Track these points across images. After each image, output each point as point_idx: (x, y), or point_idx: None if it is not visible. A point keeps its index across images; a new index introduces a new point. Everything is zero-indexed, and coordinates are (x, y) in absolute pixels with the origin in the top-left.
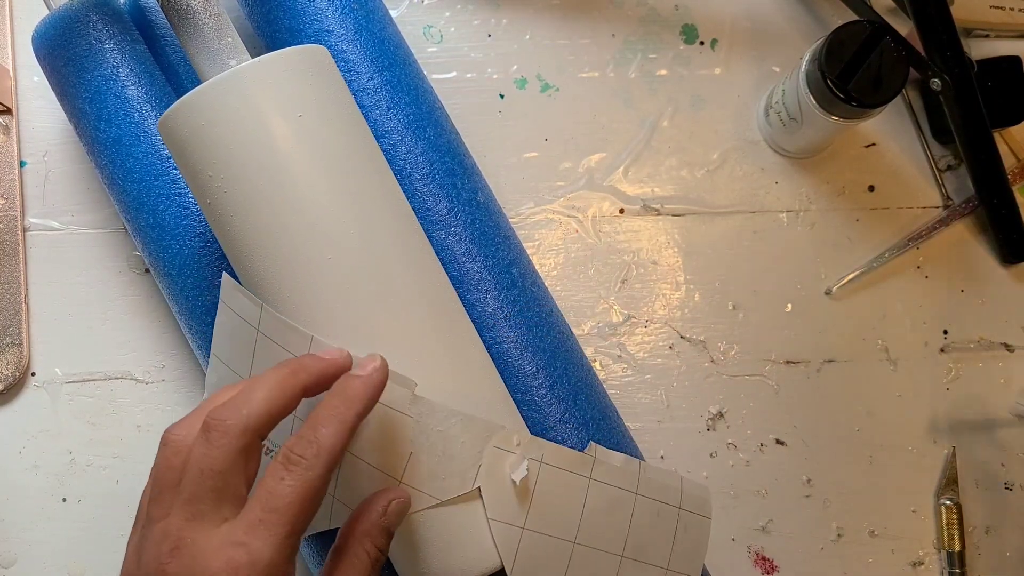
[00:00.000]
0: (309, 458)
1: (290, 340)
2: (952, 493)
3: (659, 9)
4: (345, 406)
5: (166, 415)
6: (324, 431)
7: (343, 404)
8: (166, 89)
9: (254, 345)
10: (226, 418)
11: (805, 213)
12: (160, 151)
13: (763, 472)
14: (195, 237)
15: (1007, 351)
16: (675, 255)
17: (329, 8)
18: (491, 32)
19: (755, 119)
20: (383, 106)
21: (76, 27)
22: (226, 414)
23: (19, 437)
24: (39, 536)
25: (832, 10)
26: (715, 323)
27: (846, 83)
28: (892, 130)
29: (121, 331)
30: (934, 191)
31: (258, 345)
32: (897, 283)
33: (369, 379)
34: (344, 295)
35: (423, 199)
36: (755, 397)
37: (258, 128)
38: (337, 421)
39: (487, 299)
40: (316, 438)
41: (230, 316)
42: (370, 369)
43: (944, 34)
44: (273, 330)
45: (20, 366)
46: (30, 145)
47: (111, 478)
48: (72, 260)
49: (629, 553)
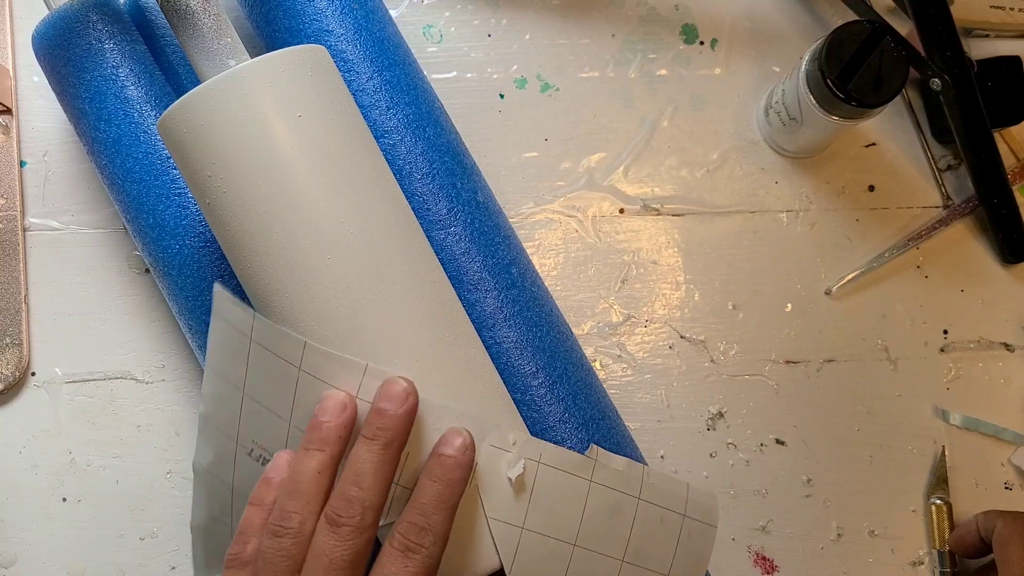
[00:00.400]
0: (428, 546)
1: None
2: (942, 492)
3: (659, 9)
4: (451, 491)
5: (166, 415)
6: (436, 518)
7: (448, 489)
8: (166, 89)
9: (247, 356)
10: (354, 514)
11: (805, 213)
12: (160, 151)
13: (763, 472)
14: (195, 237)
15: (1007, 351)
16: (675, 255)
17: (329, 8)
18: (491, 32)
19: (755, 119)
20: (383, 106)
21: (76, 27)
22: (351, 510)
23: (19, 437)
24: (39, 536)
25: (832, 10)
26: (715, 323)
27: (846, 83)
28: (892, 130)
29: (121, 331)
30: (934, 191)
31: (252, 354)
32: (897, 283)
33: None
34: (344, 295)
35: (423, 199)
36: (755, 397)
37: (258, 128)
38: (447, 507)
39: (487, 299)
40: (430, 526)
41: (223, 327)
42: (461, 447)
43: (944, 34)
44: (267, 339)
45: (20, 366)
46: (30, 145)
47: (111, 478)
48: (72, 260)
49: (630, 558)
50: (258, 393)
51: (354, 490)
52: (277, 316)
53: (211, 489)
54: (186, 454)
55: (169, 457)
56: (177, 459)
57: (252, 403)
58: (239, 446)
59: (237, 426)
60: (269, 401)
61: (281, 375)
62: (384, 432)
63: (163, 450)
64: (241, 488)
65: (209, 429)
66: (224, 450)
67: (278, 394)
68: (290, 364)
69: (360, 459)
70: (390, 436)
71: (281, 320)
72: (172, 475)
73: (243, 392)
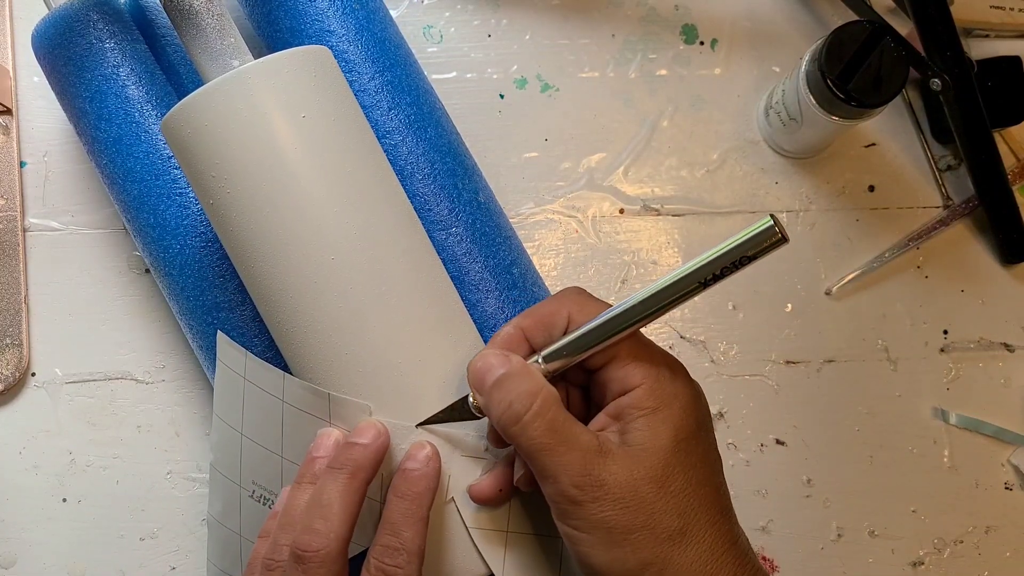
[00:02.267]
0: (403, 565)
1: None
2: None
3: (659, 9)
4: (417, 504)
5: (166, 415)
6: (407, 535)
7: (415, 503)
8: (167, 89)
9: (243, 396)
10: (319, 548)
11: (805, 213)
12: (161, 151)
13: (763, 472)
14: (196, 237)
15: (1007, 351)
16: (675, 255)
17: (330, 8)
18: (491, 32)
19: (755, 119)
20: (384, 107)
21: (76, 26)
22: (317, 543)
23: (19, 437)
24: (39, 536)
25: (832, 10)
26: (715, 323)
27: (846, 83)
28: (892, 130)
29: (121, 331)
30: (934, 191)
31: (246, 393)
32: (897, 283)
33: (429, 471)
34: (347, 295)
35: (424, 199)
36: (755, 397)
37: (262, 128)
38: (416, 520)
39: (488, 299)
40: (402, 544)
41: (224, 370)
42: (423, 459)
43: (944, 34)
44: (256, 376)
45: (20, 366)
46: (30, 145)
47: (111, 478)
48: (72, 260)
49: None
50: (253, 432)
51: (319, 522)
52: (280, 316)
53: (222, 541)
54: (186, 454)
55: (169, 457)
56: (177, 459)
57: (249, 443)
58: (242, 489)
59: (239, 469)
60: (262, 438)
61: (270, 409)
62: (351, 463)
63: (163, 450)
64: (247, 535)
65: (217, 477)
66: (230, 496)
67: (269, 429)
68: (275, 397)
69: (325, 490)
70: (355, 466)
71: (284, 320)
72: (172, 475)
73: (241, 433)
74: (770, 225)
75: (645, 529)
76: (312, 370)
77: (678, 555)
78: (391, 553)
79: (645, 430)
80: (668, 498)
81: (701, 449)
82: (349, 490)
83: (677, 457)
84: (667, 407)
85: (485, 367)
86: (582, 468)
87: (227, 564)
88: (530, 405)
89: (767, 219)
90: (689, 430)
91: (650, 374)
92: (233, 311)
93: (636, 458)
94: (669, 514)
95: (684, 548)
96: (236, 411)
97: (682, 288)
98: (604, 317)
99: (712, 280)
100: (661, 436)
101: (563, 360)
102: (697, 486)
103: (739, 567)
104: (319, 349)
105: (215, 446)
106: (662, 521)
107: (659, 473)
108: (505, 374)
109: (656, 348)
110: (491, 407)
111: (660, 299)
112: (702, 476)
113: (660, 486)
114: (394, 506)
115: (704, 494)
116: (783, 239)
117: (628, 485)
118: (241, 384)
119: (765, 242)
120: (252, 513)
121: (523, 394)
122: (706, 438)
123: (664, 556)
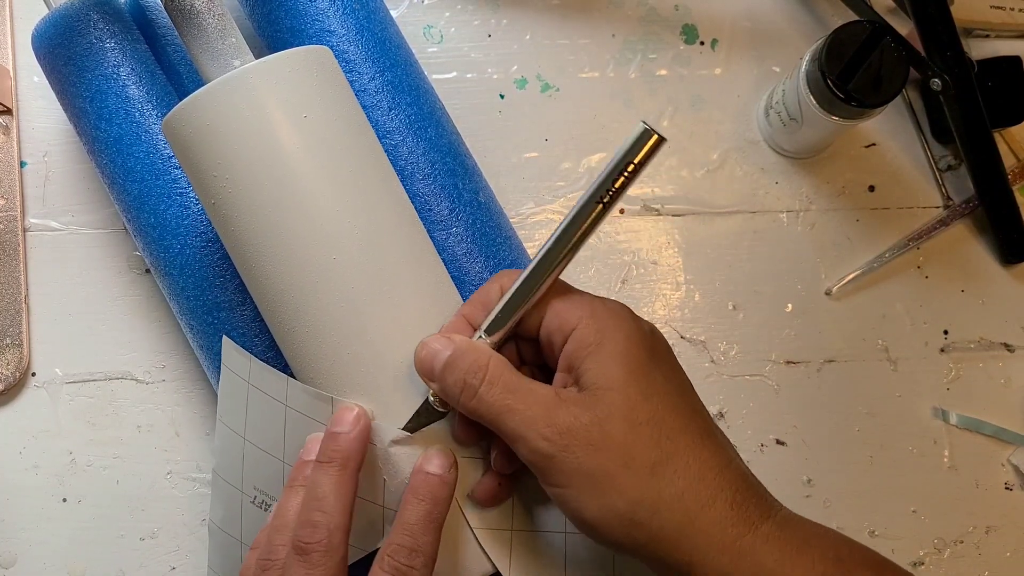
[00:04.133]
0: (419, 568)
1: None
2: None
3: (659, 9)
4: (438, 509)
5: (166, 415)
6: (425, 539)
7: (436, 508)
8: (167, 88)
9: (247, 400)
10: (320, 538)
11: (805, 213)
12: (161, 150)
13: (763, 472)
14: (196, 236)
15: (1007, 351)
16: (675, 255)
17: (330, 8)
18: (491, 32)
19: (755, 119)
20: (384, 107)
21: (76, 26)
22: (318, 534)
23: (19, 437)
24: (39, 536)
25: (832, 10)
26: (715, 323)
27: (846, 83)
28: (892, 130)
29: (121, 331)
30: (934, 191)
31: (249, 398)
32: (897, 283)
33: (450, 479)
34: (348, 295)
35: (424, 199)
36: (755, 397)
37: (264, 127)
38: (435, 527)
39: None
40: (419, 547)
41: (228, 375)
42: (447, 466)
43: (944, 34)
44: (260, 380)
45: (20, 366)
46: (30, 145)
47: (111, 478)
48: (72, 260)
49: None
50: (256, 436)
51: (317, 514)
52: (281, 316)
53: (223, 547)
54: (186, 454)
55: (169, 457)
56: (177, 459)
57: (252, 448)
58: (243, 495)
59: (241, 474)
60: (265, 442)
61: (272, 414)
62: (338, 454)
63: (163, 450)
64: (248, 541)
65: (219, 483)
66: (232, 502)
67: (271, 433)
68: (278, 402)
69: (319, 483)
70: (344, 457)
71: (285, 320)
72: (172, 475)
73: (244, 438)
74: (644, 128)
75: (624, 468)
76: (313, 369)
77: (666, 487)
78: (408, 554)
79: (594, 367)
80: (638, 431)
81: (661, 375)
82: (342, 481)
83: (636, 387)
84: (610, 340)
85: (430, 354)
86: (545, 419)
87: (228, 571)
88: (483, 376)
89: (640, 125)
90: (640, 359)
91: (584, 312)
92: (233, 311)
93: (595, 397)
94: (644, 447)
95: (670, 479)
96: (239, 416)
97: (586, 215)
98: (525, 272)
99: (610, 198)
100: (612, 369)
101: (503, 330)
102: (667, 412)
103: (736, 491)
104: (320, 348)
105: (218, 451)
106: (638, 456)
107: (622, 407)
108: (451, 355)
109: (588, 294)
110: (447, 390)
111: (569, 235)
112: (669, 403)
113: (626, 420)
114: (413, 508)
115: (676, 420)
116: (661, 139)
117: (594, 426)
118: (245, 389)
119: (644, 145)
120: (253, 519)
121: (473, 367)
122: (665, 364)
123: (652, 492)
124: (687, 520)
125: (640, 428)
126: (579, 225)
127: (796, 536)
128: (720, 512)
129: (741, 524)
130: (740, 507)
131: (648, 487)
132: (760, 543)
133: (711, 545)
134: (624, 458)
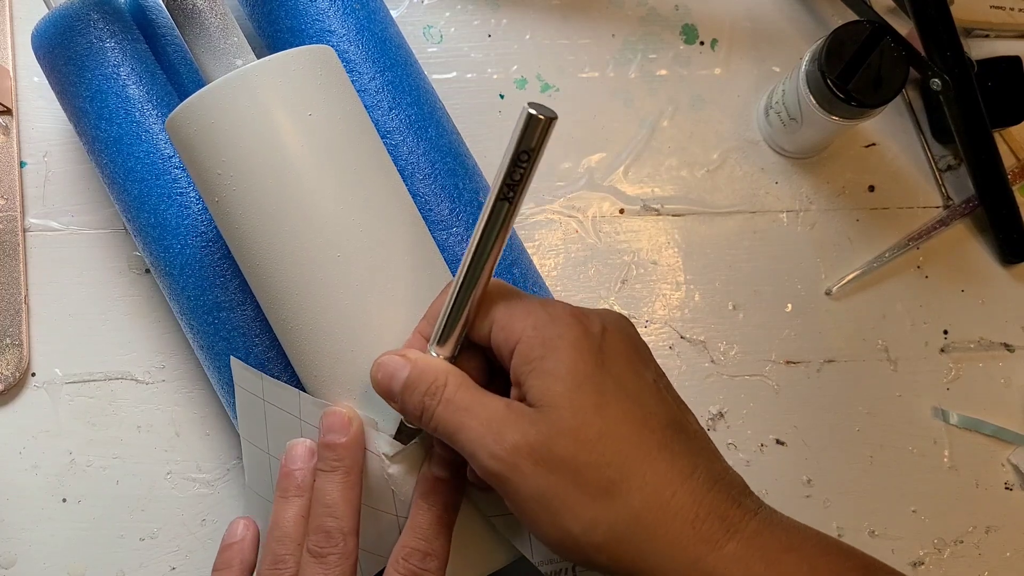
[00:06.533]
0: (433, 571)
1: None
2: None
3: (659, 9)
4: (447, 513)
5: (166, 415)
6: (438, 543)
7: (445, 511)
8: (167, 88)
9: (265, 416)
10: (336, 544)
11: (805, 213)
12: (161, 150)
13: (763, 472)
14: (196, 236)
15: (1007, 351)
16: (675, 255)
17: (331, 8)
18: (491, 32)
19: (755, 119)
20: (385, 107)
21: (76, 26)
22: (333, 541)
23: (19, 437)
24: (39, 536)
25: (832, 10)
26: (715, 323)
27: (846, 83)
28: (892, 130)
29: (121, 331)
30: (934, 191)
31: (267, 414)
32: (897, 283)
33: (460, 485)
34: (352, 292)
35: (425, 199)
36: (755, 397)
37: (267, 126)
38: (447, 530)
39: None
40: (433, 550)
41: (243, 394)
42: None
43: (944, 34)
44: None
45: (20, 366)
46: (30, 145)
47: (111, 478)
48: (72, 260)
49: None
50: (279, 450)
51: (330, 521)
52: (284, 314)
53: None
54: (186, 454)
55: (169, 457)
56: (177, 460)
57: (277, 462)
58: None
59: (271, 487)
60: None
61: (289, 427)
62: (340, 462)
63: (163, 451)
64: None
65: (252, 497)
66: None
67: None
68: (292, 416)
69: (326, 491)
70: (347, 464)
71: (288, 318)
72: (172, 475)
73: (268, 453)
74: (530, 114)
75: (576, 489)
76: (316, 368)
77: (621, 508)
78: (423, 557)
79: (537, 384)
80: (589, 448)
81: (612, 382)
82: (347, 485)
83: (585, 401)
84: (552, 352)
85: (387, 376)
86: (494, 435)
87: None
88: (440, 395)
89: (524, 109)
90: (586, 370)
91: (527, 325)
92: (234, 311)
93: (541, 414)
94: (596, 466)
95: (625, 499)
96: (260, 431)
97: (497, 214)
98: (454, 282)
99: (513, 192)
100: (555, 385)
101: (450, 342)
102: (620, 424)
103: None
104: (323, 347)
105: (247, 467)
106: (590, 476)
107: (569, 424)
108: (409, 377)
109: (534, 299)
110: (408, 413)
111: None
112: (622, 413)
113: (575, 439)
114: (424, 511)
115: (631, 432)
116: (549, 119)
117: (541, 444)
118: (261, 405)
119: (534, 130)
120: None
121: (432, 387)
122: (617, 366)
123: (608, 513)
124: (646, 539)
125: (590, 445)
126: (493, 227)
127: (770, 548)
128: (679, 531)
129: (702, 544)
130: (703, 523)
131: (603, 509)
132: (722, 565)
133: (671, 569)
134: (575, 478)
